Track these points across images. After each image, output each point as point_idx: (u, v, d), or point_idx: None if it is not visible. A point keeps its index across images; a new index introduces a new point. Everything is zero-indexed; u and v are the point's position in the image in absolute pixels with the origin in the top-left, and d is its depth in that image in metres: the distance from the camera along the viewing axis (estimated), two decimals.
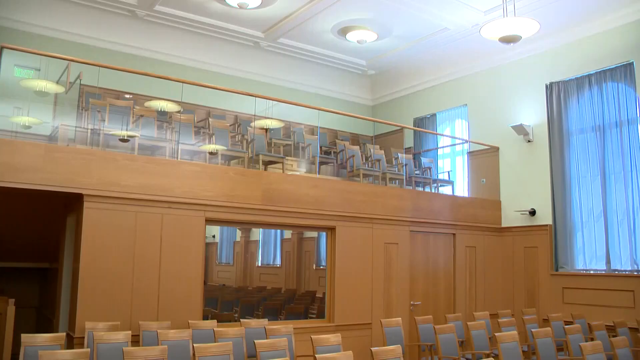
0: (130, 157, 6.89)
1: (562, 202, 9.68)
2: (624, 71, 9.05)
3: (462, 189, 11.59)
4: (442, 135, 12.21)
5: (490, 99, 11.15)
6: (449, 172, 11.90)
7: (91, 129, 8.19)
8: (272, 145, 10.29)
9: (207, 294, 7.79)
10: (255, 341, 5.62)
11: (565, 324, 7.77)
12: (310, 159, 10.41)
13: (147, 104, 9.59)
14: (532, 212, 10.06)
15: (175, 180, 6.99)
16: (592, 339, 7.09)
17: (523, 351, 6.65)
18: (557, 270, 9.64)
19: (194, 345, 5.22)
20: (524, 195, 10.28)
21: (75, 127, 8.37)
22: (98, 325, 6.06)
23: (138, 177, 6.72)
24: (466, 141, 11.57)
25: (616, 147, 9.10)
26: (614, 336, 6.70)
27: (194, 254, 7.03)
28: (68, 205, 7.27)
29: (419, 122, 12.72)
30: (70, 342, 6.13)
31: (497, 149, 10.86)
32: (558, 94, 9.93)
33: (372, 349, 5.24)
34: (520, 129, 10.19)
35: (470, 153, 11.48)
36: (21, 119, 8.55)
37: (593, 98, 9.47)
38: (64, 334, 5.58)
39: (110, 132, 8.13)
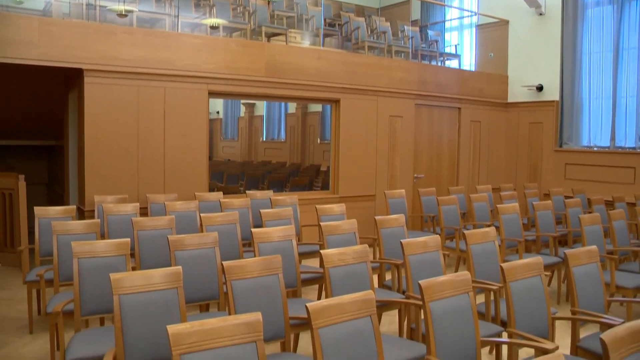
0: (130, 30, 6.68)
1: (571, 77, 9.49)
2: None
3: (469, 63, 11.35)
4: (451, 7, 11.78)
5: None
6: (456, 46, 11.63)
7: (86, 4, 7.86)
8: (275, 17, 9.93)
9: (213, 169, 7.88)
10: (261, 210, 5.73)
11: (566, 199, 7.90)
12: (314, 31, 10.08)
13: None
14: (540, 88, 9.89)
15: (177, 53, 6.82)
16: (590, 213, 7.22)
17: (523, 223, 6.80)
18: (561, 146, 9.66)
19: (201, 215, 5.32)
20: (532, 70, 10.06)
21: (69, 0, 8.03)
22: (106, 198, 6.18)
23: (138, 51, 6.56)
24: (475, 14, 11.17)
25: (633, 22, 8.76)
26: (611, 210, 6.81)
27: (198, 127, 7.02)
28: (69, 81, 7.17)
29: None
30: (81, 215, 6.31)
31: (507, 22, 10.47)
32: None
33: (376, 217, 5.34)
34: (531, 1, 9.76)
35: (478, 26, 11.10)
36: None
37: None
38: (75, 206, 5.69)
39: (107, 7, 7.81)
